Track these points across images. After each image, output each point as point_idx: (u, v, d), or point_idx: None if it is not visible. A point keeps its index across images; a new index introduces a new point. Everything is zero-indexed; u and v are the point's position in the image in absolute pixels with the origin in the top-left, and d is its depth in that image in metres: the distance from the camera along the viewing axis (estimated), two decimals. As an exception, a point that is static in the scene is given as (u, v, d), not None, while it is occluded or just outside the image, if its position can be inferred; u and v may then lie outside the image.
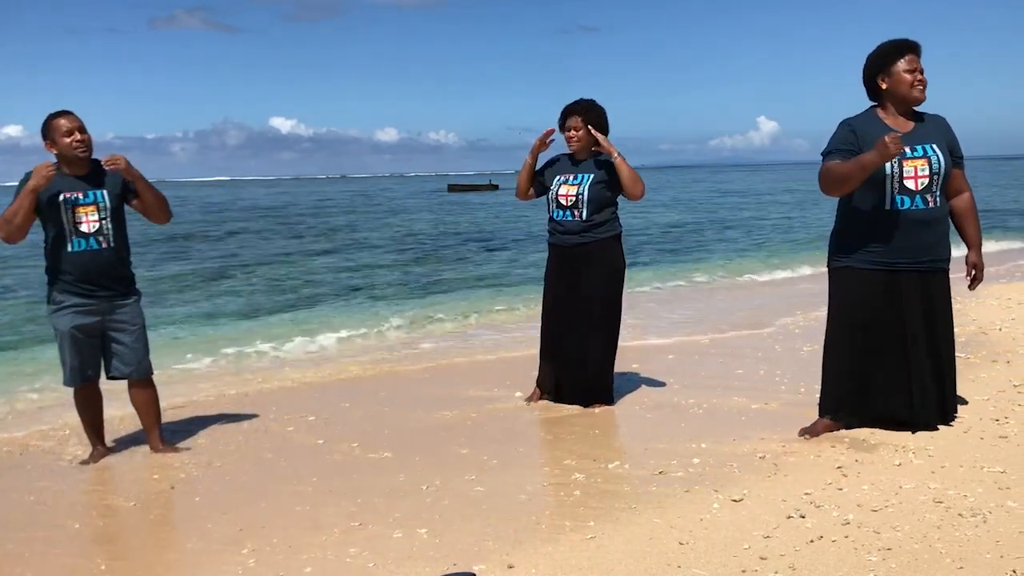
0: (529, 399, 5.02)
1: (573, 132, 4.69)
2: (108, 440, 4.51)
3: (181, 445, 4.51)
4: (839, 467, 3.50)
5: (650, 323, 8.03)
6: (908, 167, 3.69)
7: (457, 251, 18.85)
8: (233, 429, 4.82)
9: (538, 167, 4.89)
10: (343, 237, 23.59)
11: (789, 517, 3.01)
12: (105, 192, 4.10)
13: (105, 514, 3.60)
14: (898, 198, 3.71)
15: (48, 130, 4.04)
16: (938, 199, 3.74)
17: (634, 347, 6.58)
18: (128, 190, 4.20)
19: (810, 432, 3.95)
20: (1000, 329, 6.28)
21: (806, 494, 3.22)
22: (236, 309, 10.68)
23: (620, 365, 5.33)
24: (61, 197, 3.99)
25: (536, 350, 5.06)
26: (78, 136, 4.01)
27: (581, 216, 4.63)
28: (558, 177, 4.74)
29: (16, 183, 4.03)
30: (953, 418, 3.99)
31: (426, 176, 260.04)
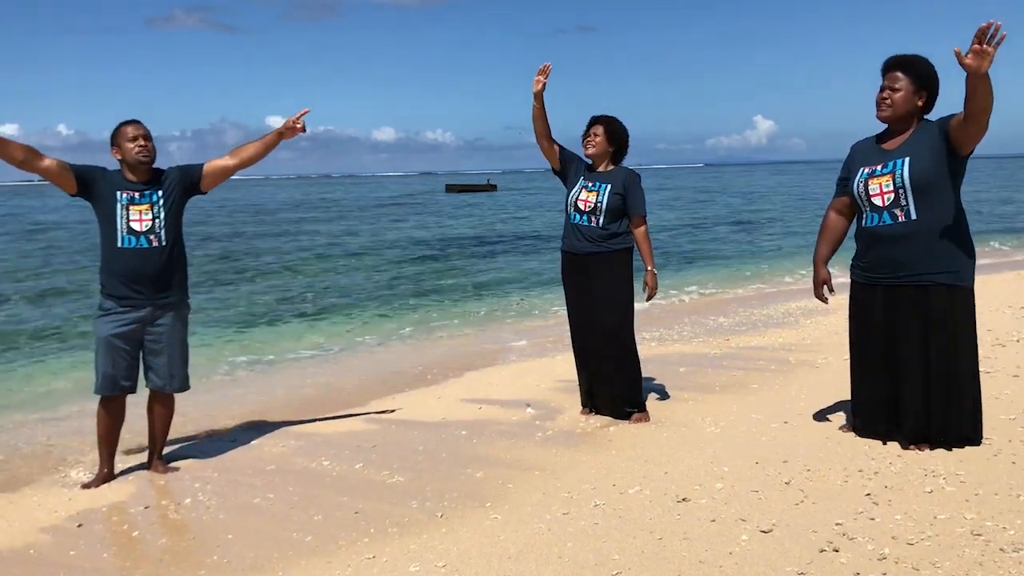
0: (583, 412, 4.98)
1: (592, 136, 4.79)
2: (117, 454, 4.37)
3: (184, 464, 4.41)
4: (868, 494, 3.37)
5: (661, 331, 7.91)
6: (873, 184, 3.79)
7: (461, 255, 18.72)
8: (237, 449, 4.69)
9: (566, 150, 4.91)
10: (343, 242, 23.43)
11: (822, 551, 2.89)
12: (161, 192, 4.17)
13: (107, 544, 3.48)
14: (868, 215, 3.84)
15: (115, 136, 4.15)
16: (912, 212, 3.68)
17: (646, 357, 6.44)
18: (189, 187, 4.27)
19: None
20: (1018, 340, 6.16)
21: (837, 524, 3.10)
22: (233, 318, 10.50)
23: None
24: (118, 195, 4.09)
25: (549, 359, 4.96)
26: (142, 142, 4.10)
27: (598, 223, 4.70)
28: (580, 181, 4.81)
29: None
30: (969, 441, 3.82)
31: (423, 175, 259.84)
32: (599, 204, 4.67)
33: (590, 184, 4.75)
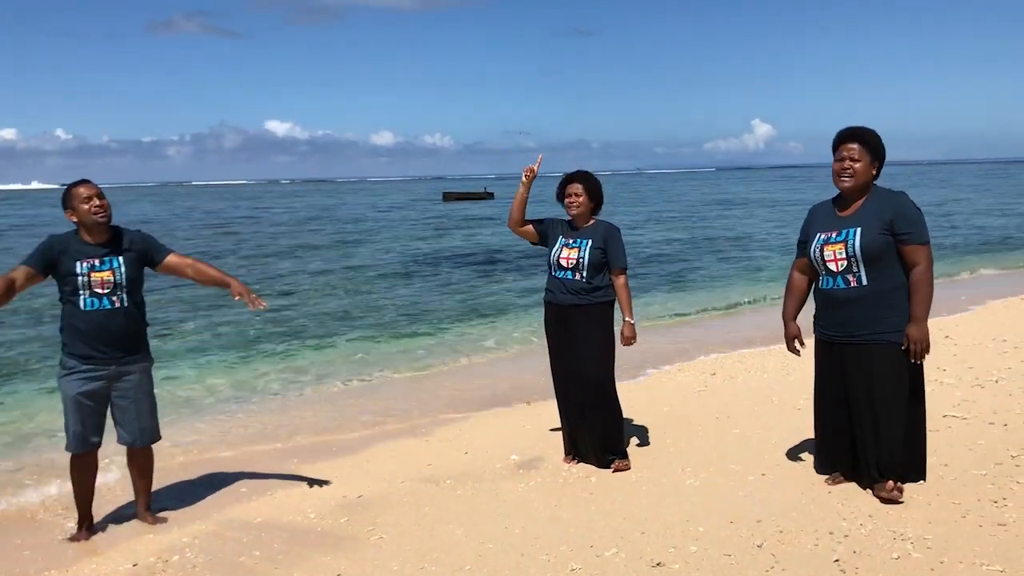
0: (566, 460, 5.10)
1: (574, 197, 4.92)
2: (106, 505, 4.45)
3: (172, 515, 4.51)
4: (836, 560, 3.46)
5: (650, 362, 7.99)
6: (828, 251, 4.08)
7: (455, 275, 18.76)
8: (226, 495, 4.78)
9: (542, 221, 5.05)
10: (338, 262, 23.43)
11: (787, 626, 2.97)
12: (122, 258, 4.18)
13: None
14: (824, 278, 4.14)
15: (68, 199, 4.13)
16: (863, 278, 3.98)
17: (633, 394, 6.53)
18: (148, 261, 4.30)
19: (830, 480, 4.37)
20: (997, 381, 6.24)
21: (804, 595, 3.18)
22: (222, 345, 10.42)
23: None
24: (78, 266, 4.07)
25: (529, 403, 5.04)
26: (96, 202, 4.09)
27: (582, 277, 4.81)
28: (561, 239, 4.93)
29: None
30: (910, 479, 4.14)
31: (422, 180, 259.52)
32: (581, 260, 4.79)
33: (571, 241, 4.87)
